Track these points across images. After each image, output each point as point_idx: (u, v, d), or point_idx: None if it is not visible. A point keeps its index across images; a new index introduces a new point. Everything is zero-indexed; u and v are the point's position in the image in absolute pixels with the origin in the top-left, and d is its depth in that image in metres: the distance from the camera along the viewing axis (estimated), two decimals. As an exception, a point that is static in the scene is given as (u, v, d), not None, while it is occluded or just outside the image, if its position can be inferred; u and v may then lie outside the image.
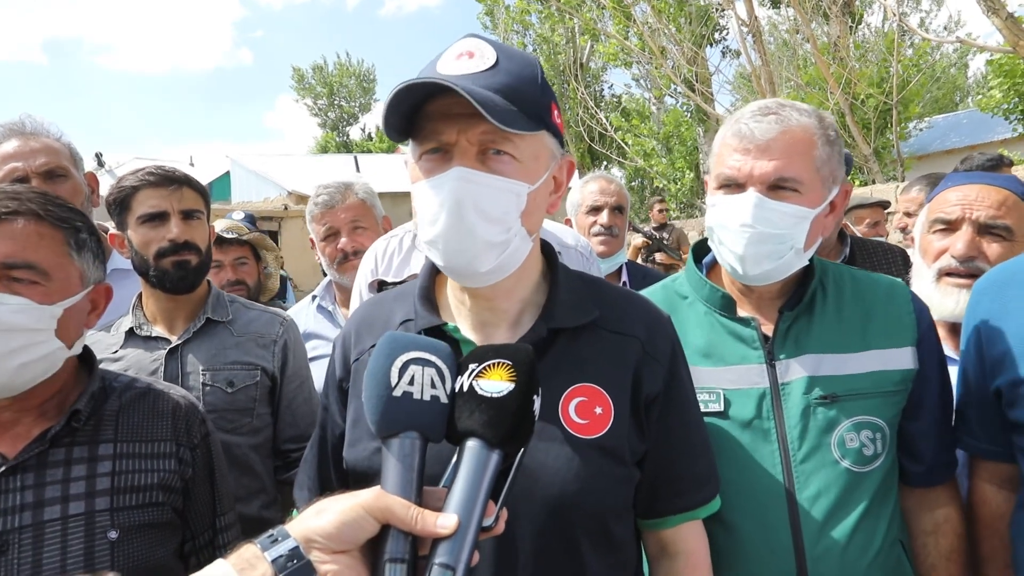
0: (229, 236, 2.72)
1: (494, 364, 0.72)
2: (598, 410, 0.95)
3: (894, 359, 1.24)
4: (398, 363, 0.72)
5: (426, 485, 0.70)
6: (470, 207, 0.88)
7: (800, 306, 1.26)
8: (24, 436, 1.09)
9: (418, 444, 0.70)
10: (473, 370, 0.73)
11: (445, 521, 0.64)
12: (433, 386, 0.71)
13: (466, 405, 0.71)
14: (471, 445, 0.69)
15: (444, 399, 0.72)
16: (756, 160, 1.19)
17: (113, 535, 1.10)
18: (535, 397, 0.72)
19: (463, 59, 0.90)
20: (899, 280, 1.35)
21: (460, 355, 0.95)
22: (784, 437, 1.21)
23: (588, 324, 0.99)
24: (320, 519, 0.65)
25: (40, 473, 1.08)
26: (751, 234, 1.19)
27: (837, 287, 1.30)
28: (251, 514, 1.67)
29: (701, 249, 1.41)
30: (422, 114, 0.90)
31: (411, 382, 0.71)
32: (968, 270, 1.41)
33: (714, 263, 1.39)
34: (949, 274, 1.44)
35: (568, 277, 1.04)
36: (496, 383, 0.71)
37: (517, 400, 0.70)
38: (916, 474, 1.28)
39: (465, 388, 0.72)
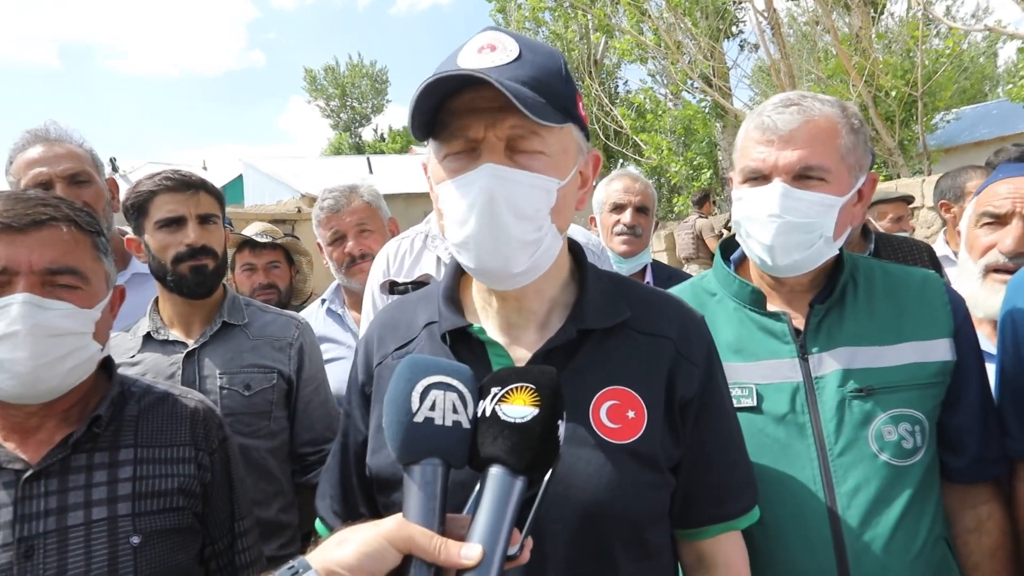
0: (262, 240, 2.74)
1: (517, 388, 0.71)
2: (631, 414, 0.92)
3: (931, 351, 1.21)
4: (419, 388, 0.70)
5: (451, 511, 0.69)
6: (502, 205, 0.85)
7: (831, 299, 1.25)
8: (47, 442, 1.11)
9: (440, 471, 0.69)
10: (496, 394, 0.71)
11: (469, 552, 0.63)
12: (455, 411, 0.70)
13: (489, 431, 0.69)
14: (495, 472, 0.68)
15: (466, 424, 0.71)
16: (780, 151, 1.19)
17: (136, 540, 1.11)
18: (560, 422, 0.71)
19: (485, 52, 0.87)
20: (932, 272, 1.32)
21: (487, 357, 0.94)
22: (820, 431, 1.19)
23: (619, 325, 0.96)
24: (341, 550, 0.64)
25: (63, 479, 1.09)
26: (779, 224, 1.18)
27: (868, 280, 1.28)
28: (269, 518, 1.68)
29: (728, 246, 1.40)
30: (445, 111, 0.87)
31: (432, 407, 0.70)
32: (1017, 266, 1.35)
33: (742, 259, 1.37)
34: (997, 271, 1.39)
35: (597, 277, 1.01)
36: (519, 408, 0.69)
37: (541, 425, 0.69)
38: (958, 469, 1.25)
39: (488, 413, 0.70)
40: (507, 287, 0.93)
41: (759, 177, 1.21)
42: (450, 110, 0.87)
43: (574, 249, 1.03)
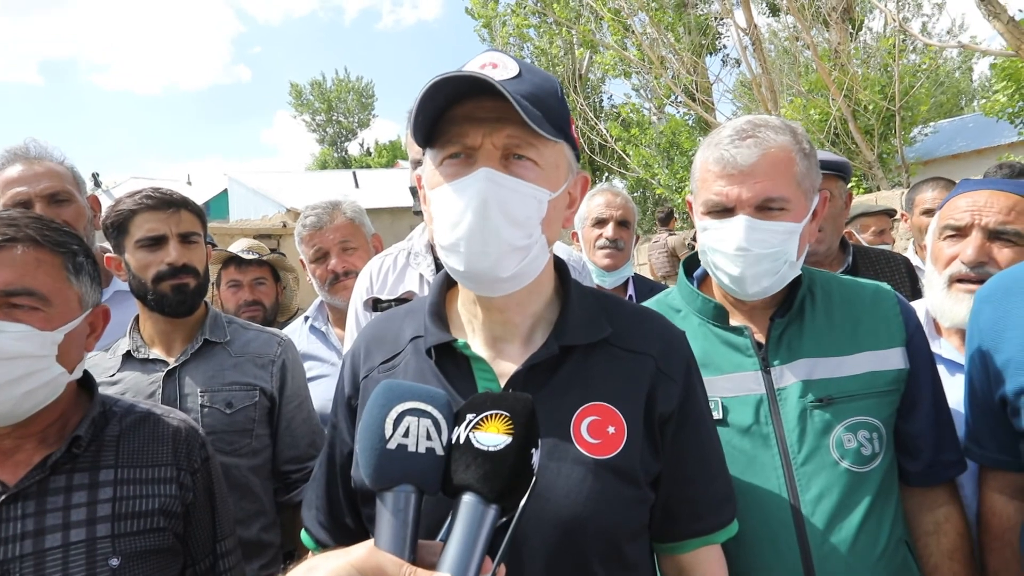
0: (248, 256, 2.72)
1: (492, 415, 0.71)
2: (611, 429, 0.93)
3: (885, 360, 1.26)
4: (393, 414, 0.70)
5: (428, 536, 0.69)
6: (496, 208, 0.87)
7: (790, 313, 1.29)
8: (25, 463, 1.09)
9: (413, 498, 0.68)
10: (470, 421, 0.71)
11: None
12: (429, 438, 0.70)
13: (462, 458, 0.69)
14: (467, 500, 0.68)
15: (440, 451, 0.70)
16: (741, 185, 1.22)
17: (115, 562, 1.09)
18: (533, 451, 0.71)
19: (487, 68, 0.90)
20: (884, 284, 1.37)
21: (471, 372, 0.94)
22: (783, 441, 1.23)
23: (601, 341, 0.98)
24: None
25: (41, 501, 1.08)
26: (747, 257, 1.22)
27: (825, 293, 1.33)
28: (250, 537, 1.66)
29: (691, 263, 1.44)
30: (445, 119, 0.90)
31: (406, 434, 0.69)
32: (979, 276, 1.40)
33: (704, 276, 1.42)
34: (960, 280, 1.43)
35: (581, 294, 1.02)
36: (493, 436, 0.69)
37: (514, 454, 0.68)
38: (915, 473, 1.29)
39: (461, 440, 0.70)
40: (493, 293, 0.94)
41: (722, 210, 1.25)
42: (450, 118, 0.89)
43: (558, 266, 1.05)
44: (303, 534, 1.10)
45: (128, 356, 1.69)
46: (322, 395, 1.98)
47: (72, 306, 1.12)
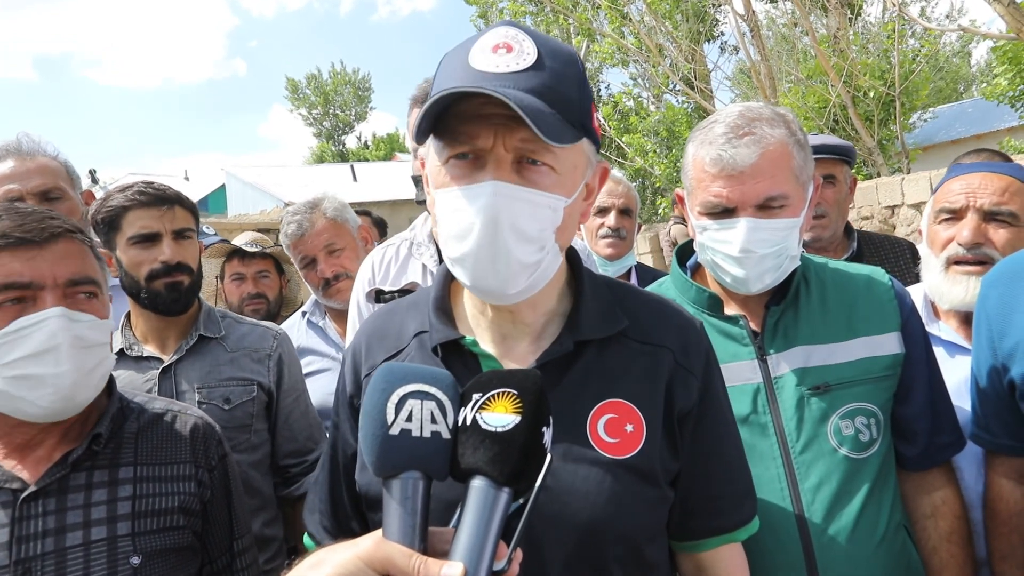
0: (252, 249, 2.69)
1: (499, 394, 0.67)
2: (629, 428, 0.89)
3: (881, 345, 1.26)
4: (394, 398, 0.67)
5: (442, 523, 0.67)
6: (506, 226, 0.81)
7: (785, 301, 1.28)
8: (45, 460, 1.08)
9: (421, 484, 0.65)
10: (476, 401, 0.68)
11: (449, 571, 0.60)
12: (434, 421, 0.67)
13: (469, 440, 0.66)
14: (477, 484, 0.65)
15: (446, 435, 0.67)
16: (742, 186, 1.20)
17: (136, 561, 1.08)
18: (545, 429, 0.67)
19: (500, 53, 0.81)
20: (877, 268, 1.36)
21: (480, 369, 0.91)
22: (782, 430, 1.22)
23: (616, 335, 0.93)
24: (316, 573, 0.61)
25: (61, 498, 1.07)
26: (751, 258, 1.21)
27: (819, 280, 1.32)
28: (253, 532, 1.64)
29: (684, 252, 1.42)
30: (452, 112, 0.81)
31: (409, 418, 0.66)
32: (976, 257, 1.41)
33: (698, 265, 1.40)
34: (957, 262, 1.44)
35: (594, 285, 0.97)
36: (501, 416, 0.66)
37: (524, 434, 0.65)
38: (911, 458, 1.29)
39: (468, 422, 0.67)
40: (501, 303, 0.91)
41: (722, 211, 1.22)
42: (457, 113, 0.81)
43: (570, 256, 1.00)
44: (306, 539, 1.07)
45: (121, 354, 1.66)
46: (321, 390, 1.97)
47: (106, 295, 1.16)
